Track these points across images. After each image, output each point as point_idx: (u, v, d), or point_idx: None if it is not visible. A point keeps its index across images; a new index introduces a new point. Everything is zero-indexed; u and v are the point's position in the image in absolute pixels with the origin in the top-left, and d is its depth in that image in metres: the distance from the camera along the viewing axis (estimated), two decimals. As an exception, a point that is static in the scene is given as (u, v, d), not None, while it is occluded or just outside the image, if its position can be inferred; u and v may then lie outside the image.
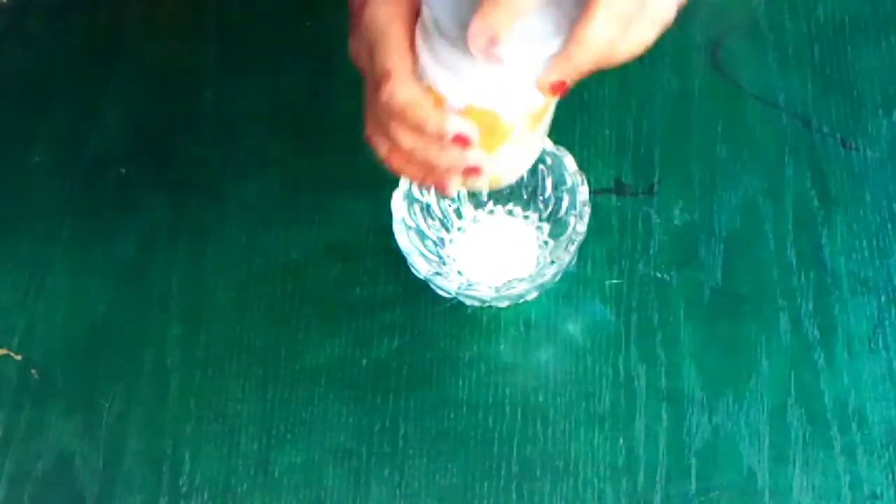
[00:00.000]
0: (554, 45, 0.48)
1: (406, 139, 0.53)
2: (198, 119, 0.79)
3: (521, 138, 0.54)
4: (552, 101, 0.54)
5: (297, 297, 0.73)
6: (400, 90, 0.51)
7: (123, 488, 0.68)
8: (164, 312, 0.73)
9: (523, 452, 0.67)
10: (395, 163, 0.55)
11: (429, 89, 0.51)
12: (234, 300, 0.73)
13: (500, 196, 0.72)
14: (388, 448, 0.68)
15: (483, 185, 0.56)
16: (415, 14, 0.51)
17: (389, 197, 0.68)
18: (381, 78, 0.51)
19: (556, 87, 0.50)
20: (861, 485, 0.65)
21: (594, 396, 0.68)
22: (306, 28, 0.81)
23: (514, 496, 0.66)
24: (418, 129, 0.52)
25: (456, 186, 0.55)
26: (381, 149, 0.55)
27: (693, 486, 0.66)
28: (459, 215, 0.72)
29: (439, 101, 0.51)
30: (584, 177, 0.68)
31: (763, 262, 0.71)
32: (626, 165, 0.75)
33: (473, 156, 0.53)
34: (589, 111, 0.77)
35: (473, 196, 0.72)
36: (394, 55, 0.51)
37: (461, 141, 0.52)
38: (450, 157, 0.53)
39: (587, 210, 0.67)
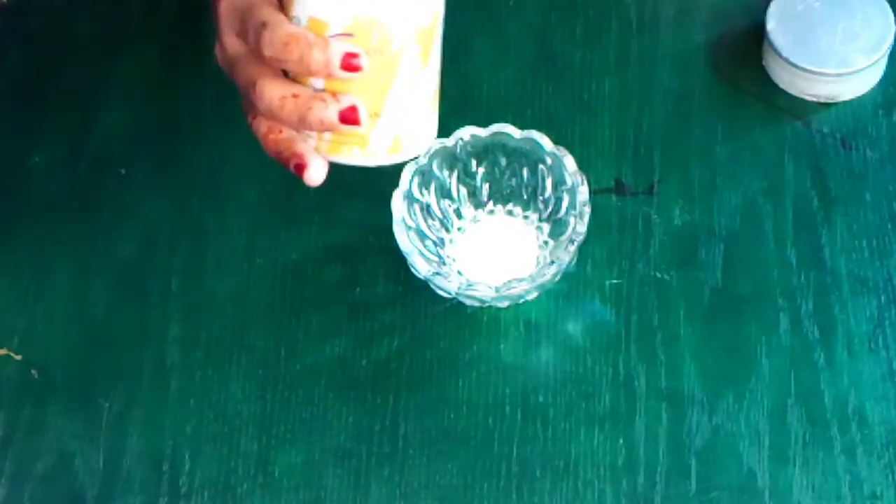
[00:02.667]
0: None
1: (280, 89, 0.52)
2: (198, 119, 0.79)
3: (413, 74, 0.53)
4: (436, 28, 0.53)
5: (297, 297, 0.73)
6: (280, 28, 0.51)
7: (123, 488, 0.68)
8: (164, 312, 0.73)
9: (523, 452, 0.67)
10: (271, 143, 0.54)
11: (310, 27, 0.51)
12: (234, 300, 0.73)
13: (500, 196, 0.72)
14: (388, 448, 0.68)
15: (382, 148, 0.54)
16: None
17: (389, 197, 0.68)
18: (259, 30, 0.51)
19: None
20: (861, 485, 0.65)
21: (594, 396, 0.68)
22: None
23: (514, 496, 0.66)
24: (303, 61, 0.51)
25: (317, 171, 0.53)
26: (261, 128, 0.54)
27: (693, 487, 0.66)
28: (459, 215, 0.73)
29: (322, 31, 0.51)
30: (584, 177, 0.68)
31: (763, 262, 0.71)
32: (626, 165, 0.75)
33: (348, 99, 0.52)
34: (589, 111, 0.77)
35: (473, 196, 0.72)
36: (265, 11, 0.52)
37: (350, 66, 0.50)
38: (325, 105, 0.52)
39: (587, 210, 0.67)
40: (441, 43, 0.54)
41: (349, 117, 0.52)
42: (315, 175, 0.54)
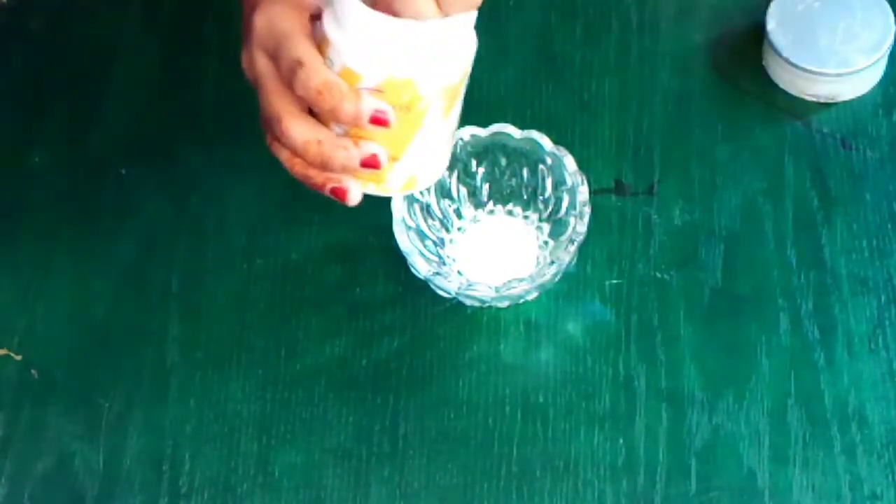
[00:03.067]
0: None
1: (304, 132, 0.53)
2: (198, 119, 0.79)
3: (435, 125, 0.54)
4: (463, 83, 0.54)
5: (297, 297, 0.73)
6: (316, 73, 0.52)
7: (123, 488, 0.68)
8: (164, 312, 0.73)
9: (523, 452, 0.67)
10: (297, 168, 0.56)
11: (342, 75, 0.52)
12: (234, 300, 0.73)
13: (500, 196, 0.72)
14: (388, 448, 0.68)
15: (397, 185, 0.56)
16: (307, 15, 0.54)
17: (389, 197, 0.68)
18: (293, 67, 0.52)
19: None
20: (861, 485, 0.65)
21: (594, 396, 0.68)
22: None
23: (514, 496, 0.66)
24: (333, 112, 0.52)
25: (356, 193, 0.56)
26: (283, 154, 0.56)
27: (693, 487, 0.66)
28: (459, 215, 0.72)
29: (354, 82, 0.52)
30: (584, 177, 0.68)
31: (763, 262, 0.71)
32: (626, 165, 0.75)
33: (370, 147, 0.53)
34: (589, 111, 0.77)
35: (473, 196, 0.72)
36: (302, 48, 0.52)
37: (378, 121, 0.52)
38: (347, 151, 0.53)
39: (587, 210, 0.67)
40: (464, 93, 0.56)
41: (370, 163, 0.54)
42: (356, 196, 0.56)
